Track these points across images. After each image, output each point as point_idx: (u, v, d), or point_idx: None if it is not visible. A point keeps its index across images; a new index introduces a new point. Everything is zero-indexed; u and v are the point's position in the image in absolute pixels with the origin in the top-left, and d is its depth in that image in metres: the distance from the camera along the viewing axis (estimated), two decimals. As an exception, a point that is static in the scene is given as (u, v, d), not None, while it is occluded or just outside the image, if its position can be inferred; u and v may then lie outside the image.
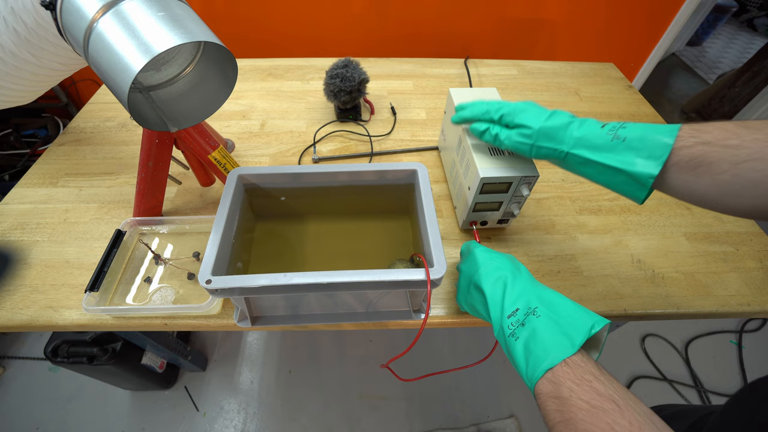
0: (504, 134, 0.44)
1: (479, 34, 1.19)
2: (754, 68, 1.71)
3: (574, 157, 0.38)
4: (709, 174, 0.31)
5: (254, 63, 0.94)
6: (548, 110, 0.42)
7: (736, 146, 0.29)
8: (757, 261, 0.57)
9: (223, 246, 0.42)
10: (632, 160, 0.34)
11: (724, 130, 0.30)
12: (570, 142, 0.38)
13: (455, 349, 1.23)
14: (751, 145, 0.29)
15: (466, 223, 0.57)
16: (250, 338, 1.24)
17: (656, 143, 0.33)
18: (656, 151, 0.33)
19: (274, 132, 0.76)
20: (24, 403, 1.09)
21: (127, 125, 0.77)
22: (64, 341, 0.82)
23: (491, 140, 0.46)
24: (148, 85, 0.49)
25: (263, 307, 0.48)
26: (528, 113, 0.42)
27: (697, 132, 0.32)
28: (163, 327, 0.50)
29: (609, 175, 0.36)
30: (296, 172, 0.49)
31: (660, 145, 0.32)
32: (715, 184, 0.31)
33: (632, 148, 0.34)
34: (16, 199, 0.63)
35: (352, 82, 0.71)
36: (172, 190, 0.65)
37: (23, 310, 0.50)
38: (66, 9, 0.38)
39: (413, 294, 0.49)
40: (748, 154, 0.29)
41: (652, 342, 1.27)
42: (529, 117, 0.42)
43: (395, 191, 0.53)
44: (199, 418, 1.07)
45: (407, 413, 1.09)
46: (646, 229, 0.61)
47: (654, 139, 0.33)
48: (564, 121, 0.39)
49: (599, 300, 0.52)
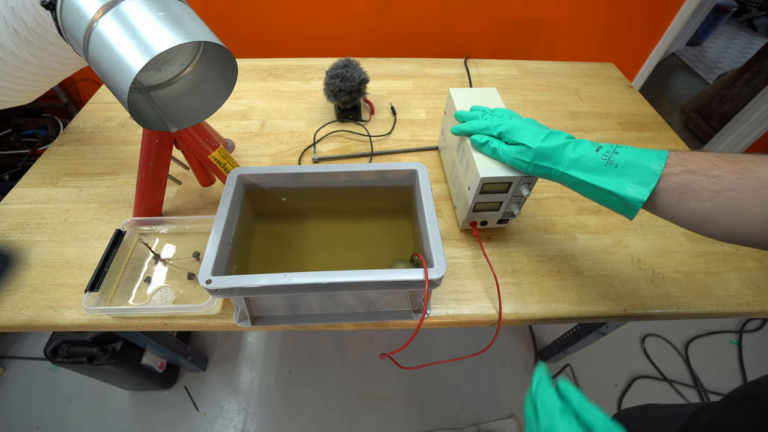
0: (502, 150, 0.46)
1: (479, 34, 1.19)
2: (754, 68, 1.70)
3: (569, 177, 0.41)
4: (694, 200, 0.33)
5: (254, 63, 0.94)
6: (546, 129, 0.44)
7: (717, 176, 0.32)
8: (757, 261, 0.57)
9: (223, 246, 0.42)
10: (624, 185, 0.37)
11: (707, 161, 0.33)
12: (566, 163, 0.41)
13: (456, 348, 1.23)
14: (729, 177, 0.32)
15: (466, 223, 0.57)
16: (250, 338, 1.24)
17: (646, 171, 0.35)
18: (646, 179, 0.35)
19: (274, 132, 0.76)
20: (24, 403, 1.09)
21: (127, 125, 0.77)
22: (64, 341, 0.82)
23: (490, 153, 0.48)
24: (148, 85, 0.49)
25: (263, 307, 0.48)
26: (526, 132, 0.44)
27: (683, 161, 0.34)
28: (163, 327, 0.50)
29: (602, 195, 0.39)
30: (296, 172, 0.49)
31: (650, 172, 0.35)
32: (698, 210, 0.33)
33: (624, 174, 0.37)
34: (16, 199, 0.63)
35: (352, 82, 0.71)
36: (172, 190, 0.65)
37: (23, 310, 0.50)
38: (66, 9, 0.38)
39: (413, 294, 0.49)
40: (727, 185, 0.32)
41: (652, 342, 1.27)
42: (527, 136, 0.43)
43: (395, 191, 0.53)
44: (199, 418, 1.07)
45: (407, 413, 1.09)
46: (646, 229, 0.61)
47: (644, 167, 0.36)
48: (560, 142, 0.41)
49: (599, 300, 0.52)
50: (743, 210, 0.31)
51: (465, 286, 0.53)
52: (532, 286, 0.54)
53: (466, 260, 0.56)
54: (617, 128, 0.80)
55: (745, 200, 0.31)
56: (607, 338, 0.92)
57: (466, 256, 0.57)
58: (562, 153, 0.41)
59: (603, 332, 0.89)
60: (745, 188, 0.31)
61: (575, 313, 0.51)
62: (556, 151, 0.41)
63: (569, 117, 0.82)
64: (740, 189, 0.32)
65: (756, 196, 0.31)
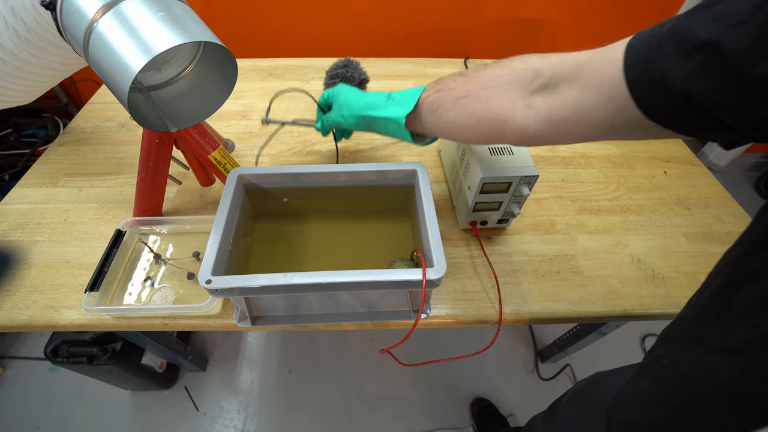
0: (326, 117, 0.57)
1: (479, 34, 1.19)
2: (754, 68, 1.70)
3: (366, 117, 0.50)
4: (444, 112, 0.41)
5: (254, 63, 0.94)
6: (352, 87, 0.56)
7: (453, 88, 0.40)
8: (757, 261, 0.57)
9: (223, 246, 0.42)
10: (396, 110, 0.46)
11: (450, 80, 0.41)
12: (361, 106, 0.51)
13: (456, 348, 1.23)
14: (461, 86, 0.39)
15: (466, 223, 0.57)
16: (250, 338, 1.24)
17: (410, 96, 0.45)
18: (409, 101, 0.45)
19: (274, 132, 0.76)
20: (24, 403, 1.09)
21: (127, 125, 0.77)
22: (64, 341, 0.82)
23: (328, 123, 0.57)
24: (148, 85, 0.49)
25: (263, 307, 0.48)
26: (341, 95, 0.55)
27: (436, 84, 0.43)
28: (163, 327, 0.50)
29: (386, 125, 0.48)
30: (296, 172, 0.49)
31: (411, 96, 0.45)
32: (448, 120, 0.41)
33: (397, 104, 0.46)
34: (16, 199, 0.63)
35: (353, 82, 0.71)
36: (172, 190, 0.65)
37: (23, 310, 0.50)
38: (66, 9, 0.38)
39: (413, 294, 0.49)
40: (460, 93, 0.39)
41: (652, 342, 1.26)
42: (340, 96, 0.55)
43: (395, 191, 0.53)
44: (199, 418, 1.07)
45: (407, 413, 1.09)
46: (646, 229, 0.61)
47: (409, 94, 0.45)
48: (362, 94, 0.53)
49: (599, 300, 0.52)
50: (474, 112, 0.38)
51: (465, 286, 0.53)
52: (532, 286, 0.54)
53: (466, 260, 0.56)
54: (617, 128, 0.80)
55: (473, 102, 0.38)
56: (607, 338, 0.92)
57: (466, 256, 0.57)
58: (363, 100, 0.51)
59: (603, 332, 0.89)
60: (471, 91, 0.38)
61: (575, 313, 0.51)
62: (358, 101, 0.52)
63: (569, 117, 0.82)
64: (468, 94, 0.38)
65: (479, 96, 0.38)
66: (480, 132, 0.39)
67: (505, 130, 0.37)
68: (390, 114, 0.46)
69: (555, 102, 0.33)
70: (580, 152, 0.74)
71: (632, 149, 0.75)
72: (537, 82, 0.34)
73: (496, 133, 0.38)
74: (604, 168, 0.71)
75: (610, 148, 0.75)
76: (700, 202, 0.66)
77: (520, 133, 0.36)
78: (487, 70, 0.38)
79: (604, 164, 0.72)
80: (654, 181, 0.69)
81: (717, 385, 0.24)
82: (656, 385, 0.31)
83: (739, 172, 1.80)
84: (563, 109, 0.32)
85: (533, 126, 0.35)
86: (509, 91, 0.36)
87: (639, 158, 0.73)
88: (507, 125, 0.36)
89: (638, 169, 0.71)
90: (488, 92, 0.37)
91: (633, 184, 0.68)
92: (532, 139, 0.36)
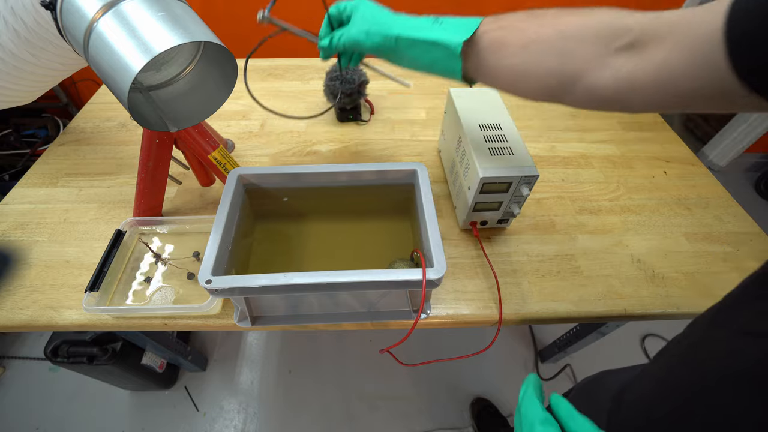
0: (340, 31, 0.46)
1: (479, 34, 1.19)
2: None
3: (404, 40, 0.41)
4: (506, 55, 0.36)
5: (254, 63, 0.94)
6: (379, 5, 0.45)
7: (523, 29, 0.35)
8: (758, 261, 0.57)
9: (223, 246, 0.42)
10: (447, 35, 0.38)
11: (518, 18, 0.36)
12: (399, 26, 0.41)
13: (456, 348, 1.23)
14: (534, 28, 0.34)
15: (466, 223, 0.57)
16: (250, 338, 1.24)
17: (466, 23, 0.38)
18: (467, 26, 0.38)
19: (274, 132, 0.76)
20: (24, 403, 1.09)
21: (127, 125, 0.77)
22: (64, 341, 0.82)
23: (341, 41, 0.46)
24: (148, 85, 0.49)
25: (263, 307, 0.48)
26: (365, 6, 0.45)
27: (497, 19, 0.37)
28: (163, 327, 0.50)
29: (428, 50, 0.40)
30: (296, 172, 0.49)
31: (469, 24, 0.38)
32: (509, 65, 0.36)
33: (447, 29, 0.39)
34: (16, 199, 0.63)
35: (352, 84, 0.71)
36: (172, 190, 0.65)
37: (23, 310, 0.50)
38: (66, 9, 0.38)
39: (413, 294, 0.49)
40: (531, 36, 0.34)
41: (652, 342, 1.27)
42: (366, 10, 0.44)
43: (395, 191, 0.53)
44: (199, 418, 1.07)
45: (407, 413, 1.09)
46: (646, 229, 0.61)
47: (465, 21, 0.38)
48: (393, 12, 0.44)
49: (599, 300, 0.52)
50: (546, 62, 0.33)
51: (465, 286, 0.53)
52: (532, 286, 0.54)
53: (466, 260, 0.56)
54: (617, 128, 0.80)
55: (548, 50, 0.33)
56: (607, 338, 0.92)
57: (466, 256, 0.57)
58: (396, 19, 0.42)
59: (603, 332, 0.89)
60: (547, 38, 0.33)
61: (575, 313, 0.51)
62: (391, 17, 0.43)
63: (569, 117, 0.82)
64: (543, 40, 0.33)
65: (555, 45, 0.33)
66: (545, 86, 0.35)
67: (575, 89, 0.33)
68: (441, 37, 0.38)
69: (639, 63, 0.29)
70: (580, 152, 0.74)
71: (632, 149, 0.75)
72: (623, 39, 0.30)
73: (563, 91, 0.34)
74: (604, 168, 0.71)
75: (610, 148, 0.75)
76: (700, 202, 0.66)
77: (593, 95, 0.32)
78: (567, 16, 0.33)
79: (604, 164, 0.72)
80: (654, 181, 0.69)
81: (739, 367, 0.23)
82: (670, 366, 0.30)
83: (739, 172, 1.80)
84: (646, 72, 0.29)
85: (611, 87, 0.31)
86: (593, 45, 0.31)
87: (639, 158, 0.73)
88: (580, 83, 0.32)
89: (638, 169, 0.71)
90: (569, 43, 0.32)
91: (633, 184, 0.68)
92: (604, 102, 0.32)
